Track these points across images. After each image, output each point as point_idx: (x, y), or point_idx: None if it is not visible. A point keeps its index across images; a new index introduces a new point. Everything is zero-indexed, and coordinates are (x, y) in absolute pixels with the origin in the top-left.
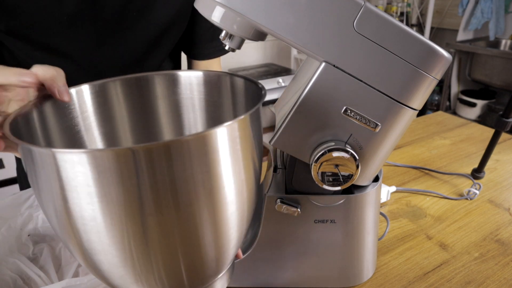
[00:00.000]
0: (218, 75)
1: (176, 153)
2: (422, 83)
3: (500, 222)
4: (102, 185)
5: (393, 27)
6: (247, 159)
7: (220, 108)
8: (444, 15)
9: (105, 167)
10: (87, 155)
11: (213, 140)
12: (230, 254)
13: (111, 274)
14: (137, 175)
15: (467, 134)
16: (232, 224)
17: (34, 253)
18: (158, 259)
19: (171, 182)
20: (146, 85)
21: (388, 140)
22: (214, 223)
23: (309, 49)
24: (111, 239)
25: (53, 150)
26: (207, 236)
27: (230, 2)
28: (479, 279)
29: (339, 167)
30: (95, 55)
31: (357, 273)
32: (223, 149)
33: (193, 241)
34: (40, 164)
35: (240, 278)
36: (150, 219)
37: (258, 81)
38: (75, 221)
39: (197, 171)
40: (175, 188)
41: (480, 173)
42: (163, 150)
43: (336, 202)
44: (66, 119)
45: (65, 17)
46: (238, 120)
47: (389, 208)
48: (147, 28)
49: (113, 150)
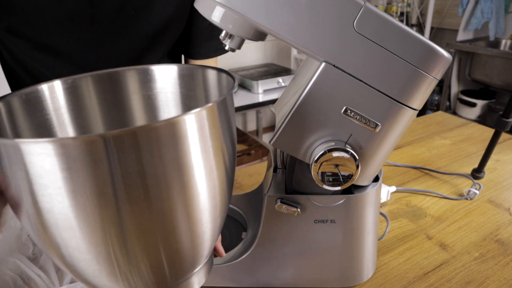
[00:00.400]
0: (190, 68)
1: (145, 139)
2: (422, 83)
3: (500, 222)
4: (72, 176)
5: (393, 27)
6: (217, 147)
7: (194, 101)
8: (444, 15)
9: (74, 157)
10: (54, 144)
11: (181, 127)
12: (206, 246)
13: (88, 271)
14: (109, 162)
15: (467, 134)
16: (205, 213)
17: (34, 253)
18: (134, 251)
19: (141, 169)
20: (118, 81)
21: (388, 140)
22: (186, 211)
23: (309, 49)
24: (84, 234)
25: (17, 140)
26: (181, 224)
27: (230, 2)
28: (479, 279)
29: (339, 167)
30: (93, 54)
31: (357, 273)
32: (192, 136)
33: (167, 229)
34: (5, 157)
35: (240, 278)
36: (123, 209)
37: (229, 72)
38: (46, 217)
39: (166, 157)
40: (145, 175)
41: (480, 173)
42: (132, 136)
43: (336, 202)
44: (37, 115)
45: (63, 15)
46: (206, 107)
47: (389, 208)
48: (145, 27)
49: (83, 138)
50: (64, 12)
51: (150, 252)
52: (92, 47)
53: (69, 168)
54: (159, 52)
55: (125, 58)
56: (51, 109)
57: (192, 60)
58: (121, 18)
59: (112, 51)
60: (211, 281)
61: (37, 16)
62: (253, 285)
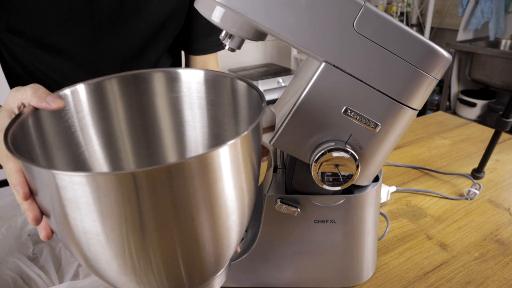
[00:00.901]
0: (217, 74)
1: (177, 175)
2: (422, 83)
3: (500, 222)
4: (102, 205)
5: (393, 27)
6: (248, 169)
7: (220, 108)
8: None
9: (106, 190)
10: (87, 178)
11: (215, 160)
12: (229, 255)
13: (114, 279)
14: (138, 197)
15: (467, 134)
16: (233, 231)
17: (34, 253)
18: (159, 268)
19: (172, 201)
20: (144, 82)
21: (388, 140)
22: (214, 233)
23: (309, 49)
24: (113, 252)
25: (52, 172)
26: (208, 245)
27: (230, 2)
28: (479, 279)
29: (339, 167)
30: (92, 51)
31: (357, 273)
32: (225, 167)
33: (193, 251)
34: (39, 181)
35: (240, 278)
36: (151, 235)
37: (260, 89)
38: (77, 234)
39: (198, 189)
40: (176, 207)
41: (480, 173)
42: (165, 174)
43: (336, 202)
44: (61, 121)
45: (63, 13)
46: (241, 137)
47: (389, 208)
48: (144, 23)
49: (114, 175)
50: (64, 11)
51: (174, 269)
52: (92, 44)
53: (99, 199)
54: (159, 48)
55: (125, 55)
56: (74, 113)
57: (192, 55)
58: (120, 15)
59: (112, 48)
60: None
61: (37, 15)
62: (253, 285)
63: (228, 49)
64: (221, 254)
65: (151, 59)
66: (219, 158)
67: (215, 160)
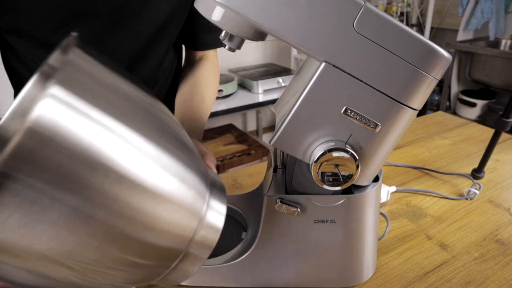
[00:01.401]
0: None
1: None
2: (422, 83)
3: (500, 222)
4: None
5: (393, 27)
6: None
7: None
8: (444, 15)
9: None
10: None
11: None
12: (177, 224)
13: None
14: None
15: (467, 134)
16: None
17: None
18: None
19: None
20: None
21: (388, 140)
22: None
23: (309, 49)
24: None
25: None
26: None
27: (230, 2)
28: (479, 279)
29: (339, 167)
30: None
31: (357, 273)
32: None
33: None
34: None
35: (240, 278)
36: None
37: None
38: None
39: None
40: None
41: (480, 173)
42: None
43: (336, 202)
44: None
45: (67, 13)
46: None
47: (389, 208)
48: (149, 21)
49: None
50: (68, 10)
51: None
52: (96, 43)
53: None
54: (164, 45)
55: (129, 53)
56: None
57: (194, 51)
58: (124, 14)
59: (116, 47)
60: (211, 281)
61: (40, 15)
62: (253, 285)
63: (228, 49)
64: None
65: (157, 57)
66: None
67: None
